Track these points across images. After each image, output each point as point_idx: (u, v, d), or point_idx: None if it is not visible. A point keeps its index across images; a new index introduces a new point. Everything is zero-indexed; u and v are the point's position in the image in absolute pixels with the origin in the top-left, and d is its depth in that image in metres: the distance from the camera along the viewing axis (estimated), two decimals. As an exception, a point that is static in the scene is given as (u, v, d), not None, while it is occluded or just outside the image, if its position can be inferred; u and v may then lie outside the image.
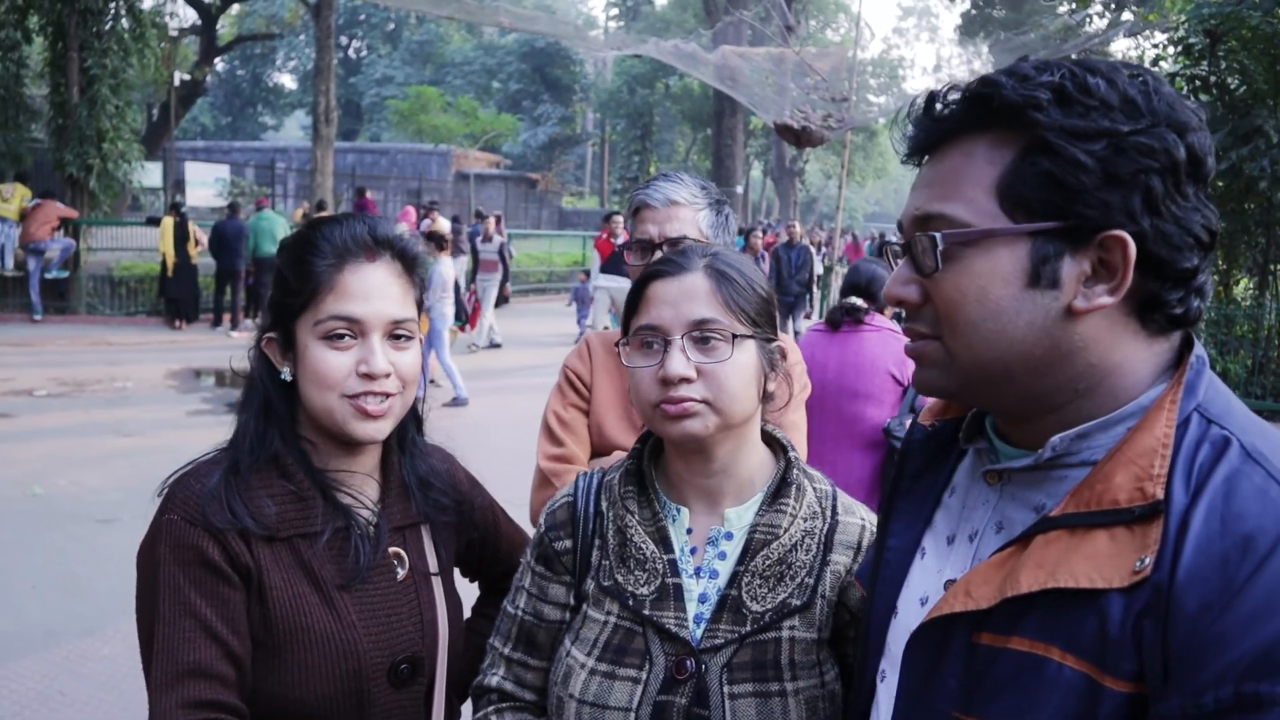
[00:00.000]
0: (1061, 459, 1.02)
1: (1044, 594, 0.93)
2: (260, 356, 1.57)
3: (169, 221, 15.99)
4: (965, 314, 0.99)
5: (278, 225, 15.85)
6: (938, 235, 0.99)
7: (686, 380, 1.40)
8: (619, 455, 2.17)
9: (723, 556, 1.48)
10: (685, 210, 2.16)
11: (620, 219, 12.62)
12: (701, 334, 1.42)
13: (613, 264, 13.59)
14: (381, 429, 1.53)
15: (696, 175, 2.27)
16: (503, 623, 1.60)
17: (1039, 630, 0.94)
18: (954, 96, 1.03)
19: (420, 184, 34.26)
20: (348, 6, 49.05)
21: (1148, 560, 0.88)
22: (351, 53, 60.31)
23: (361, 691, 1.49)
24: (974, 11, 32.13)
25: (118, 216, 19.28)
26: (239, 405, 1.59)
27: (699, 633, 1.44)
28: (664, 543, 1.48)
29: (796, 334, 13.86)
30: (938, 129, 1.04)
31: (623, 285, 11.33)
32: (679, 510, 1.52)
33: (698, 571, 1.48)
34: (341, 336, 1.49)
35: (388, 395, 1.52)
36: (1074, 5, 19.14)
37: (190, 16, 30.09)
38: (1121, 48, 27.75)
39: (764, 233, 18.12)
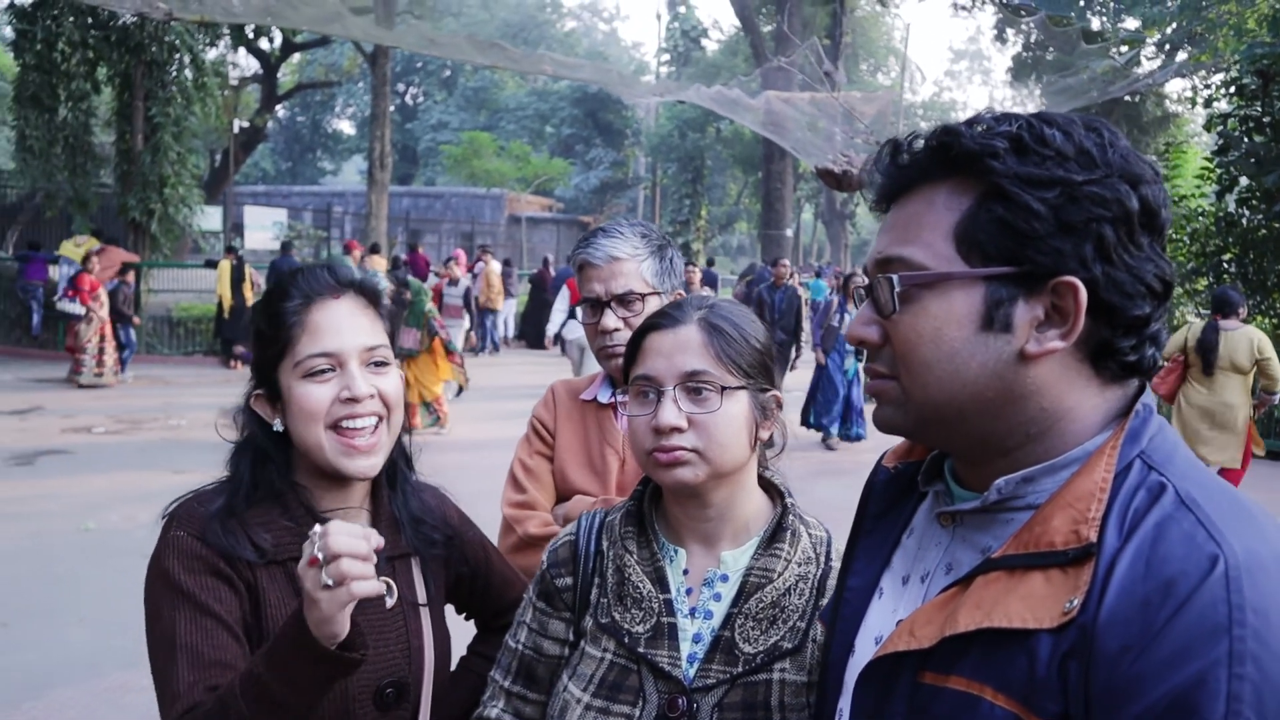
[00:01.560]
0: (1008, 502, 1.03)
1: (981, 634, 0.94)
2: (250, 414, 1.65)
3: (226, 264, 16.41)
4: (920, 355, 1.02)
5: None
6: (894, 277, 1.02)
7: (678, 430, 1.46)
8: (579, 499, 2.22)
9: (718, 598, 1.52)
10: (628, 264, 2.18)
11: None
12: (693, 385, 1.48)
13: None
14: (373, 464, 1.59)
15: (640, 224, 2.28)
16: (504, 656, 1.64)
17: (975, 670, 0.95)
18: (918, 145, 1.06)
19: (474, 227, 34.79)
20: (404, 55, 50.23)
21: (1076, 601, 0.89)
22: (409, 99, 61.62)
23: (348, 712, 1.54)
24: (1026, 54, 32.02)
25: (179, 259, 19.83)
26: (230, 459, 1.66)
27: (691, 672, 1.47)
28: (661, 582, 1.52)
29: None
30: (902, 176, 1.07)
31: None
32: (676, 551, 1.56)
33: (693, 612, 1.51)
34: (321, 371, 1.56)
35: (377, 419, 1.58)
36: (1125, 47, 19.06)
37: (253, 66, 31.02)
38: (1176, 89, 27.48)
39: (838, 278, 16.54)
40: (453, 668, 1.84)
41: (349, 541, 1.27)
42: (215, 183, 28.41)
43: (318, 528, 1.28)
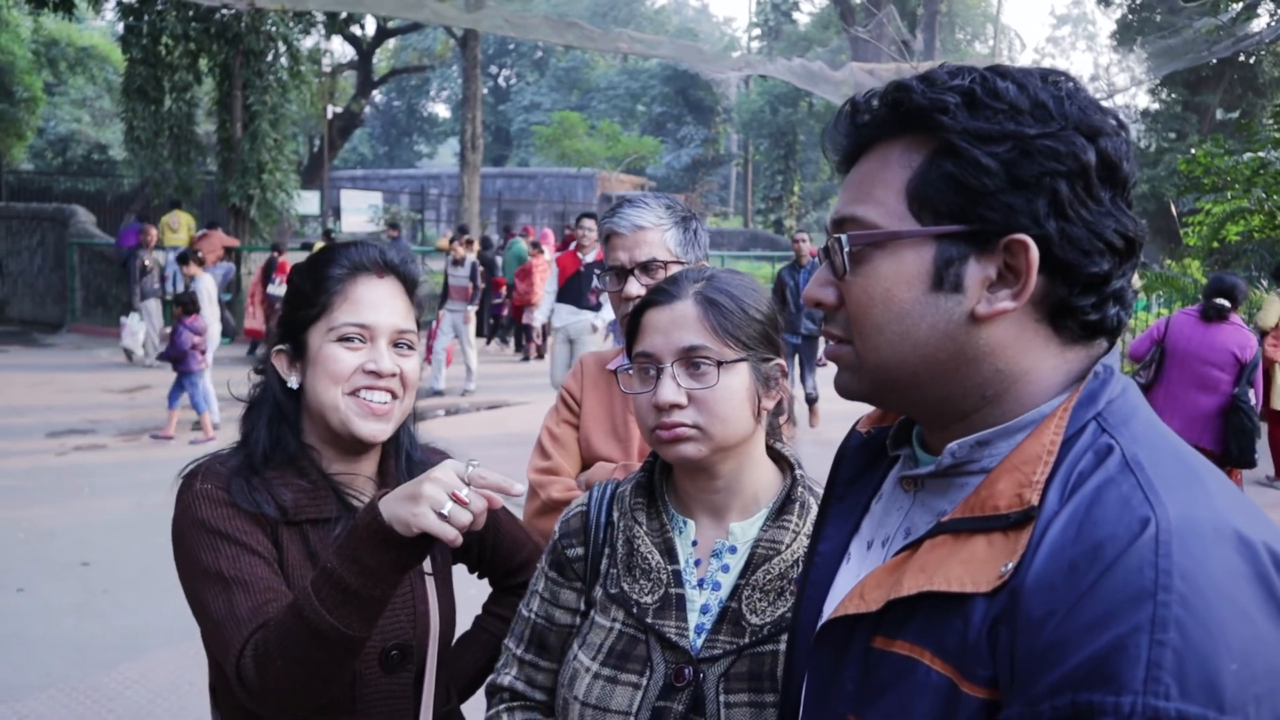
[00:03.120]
0: (963, 466, 1.02)
1: (924, 598, 0.93)
2: (270, 369, 1.70)
3: (320, 246, 16.85)
4: (871, 317, 1.00)
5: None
6: (844, 237, 1.01)
7: (678, 406, 1.47)
8: (601, 465, 2.26)
9: (726, 569, 1.53)
10: (652, 233, 2.23)
11: (590, 223, 9.46)
12: (690, 360, 1.48)
13: (573, 291, 9.57)
14: (385, 429, 1.65)
15: (665, 197, 2.33)
16: (517, 625, 1.67)
17: (917, 634, 0.94)
18: (875, 103, 1.04)
19: (565, 207, 35.01)
20: (496, 37, 50.75)
21: (1010, 565, 0.87)
22: (501, 81, 62.24)
23: (354, 673, 1.58)
24: (1131, 16, 30.73)
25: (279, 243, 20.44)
26: (246, 412, 1.71)
27: (698, 642, 1.49)
28: (669, 553, 1.54)
29: (810, 398, 10.44)
30: (860, 135, 1.06)
31: (583, 321, 9.56)
32: (686, 523, 1.57)
33: (701, 583, 1.53)
34: (353, 339, 1.62)
35: (392, 395, 1.64)
36: (1238, 4, 18.09)
37: (348, 53, 31.74)
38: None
39: None
40: (460, 632, 1.87)
41: (481, 502, 1.35)
42: (314, 168, 29.19)
43: (475, 465, 1.36)
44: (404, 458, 1.78)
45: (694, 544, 1.56)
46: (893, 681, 0.95)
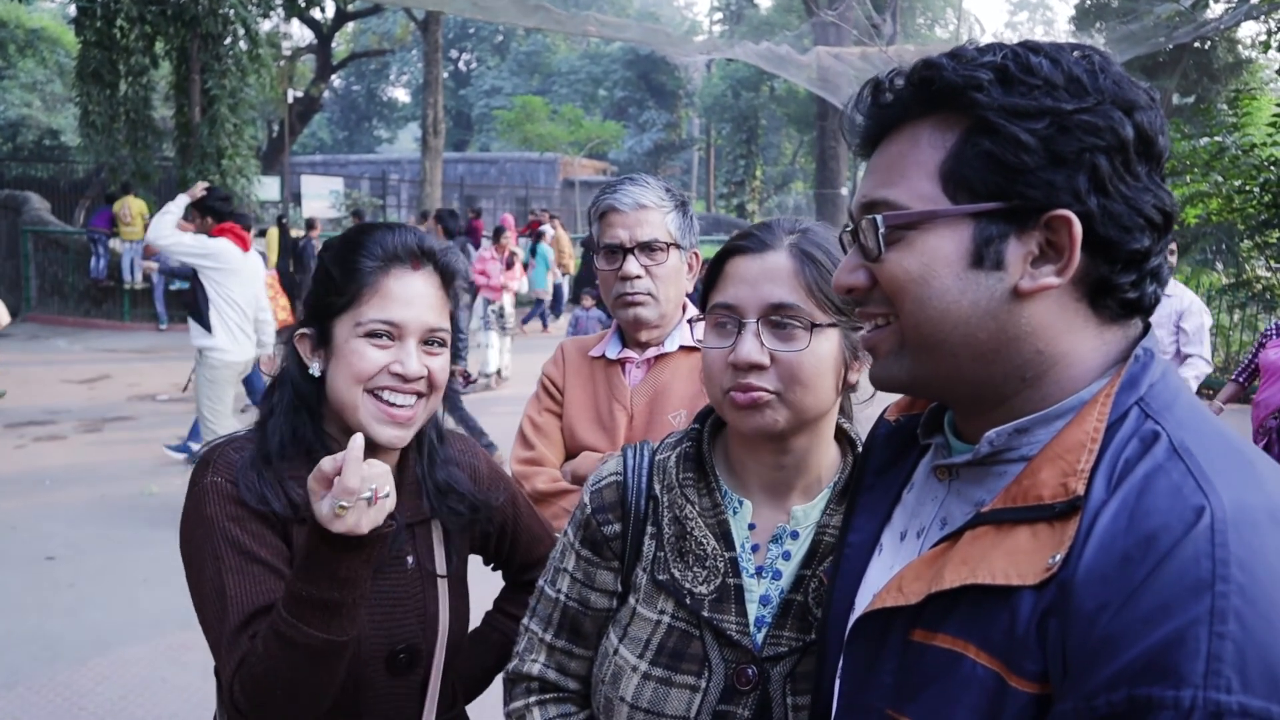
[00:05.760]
0: (1002, 455, 1.00)
1: (966, 590, 0.92)
2: (291, 352, 1.62)
3: (274, 232, 16.59)
4: (910, 293, 0.98)
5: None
6: (878, 218, 0.99)
7: (758, 367, 1.31)
8: (588, 455, 2.20)
9: (787, 557, 1.40)
10: (654, 213, 2.19)
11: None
12: (778, 319, 1.33)
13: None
14: (403, 436, 1.58)
15: (660, 178, 2.30)
16: (541, 605, 1.51)
17: (960, 627, 0.92)
18: (899, 83, 1.02)
19: (528, 192, 34.84)
20: (457, 21, 50.25)
21: (1058, 557, 0.86)
22: (462, 65, 61.66)
23: (357, 675, 1.53)
24: (1089, 3, 30.99)
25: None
26: (264, 396, 1.65)
27: (760, 638, 1.36)
28: (725, 538, 1.39)
29: None
30: (885, 116, 1.03)
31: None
32: (741, 502, 1.42)
33: (759, 571, 1.39)
34: (381, 336, 1.54)
35: (417, 397, 1.57)
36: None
37: (307, 36, 31.29)
38: (1249, 33, 26.43)
39: None
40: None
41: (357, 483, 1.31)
42: (273, 153, 28.75)
43: (334, 461, 1.32)
44: (427, 459, 1.70)
45: (751, 527, 1.40)
46: (935, 676, 0.94)
